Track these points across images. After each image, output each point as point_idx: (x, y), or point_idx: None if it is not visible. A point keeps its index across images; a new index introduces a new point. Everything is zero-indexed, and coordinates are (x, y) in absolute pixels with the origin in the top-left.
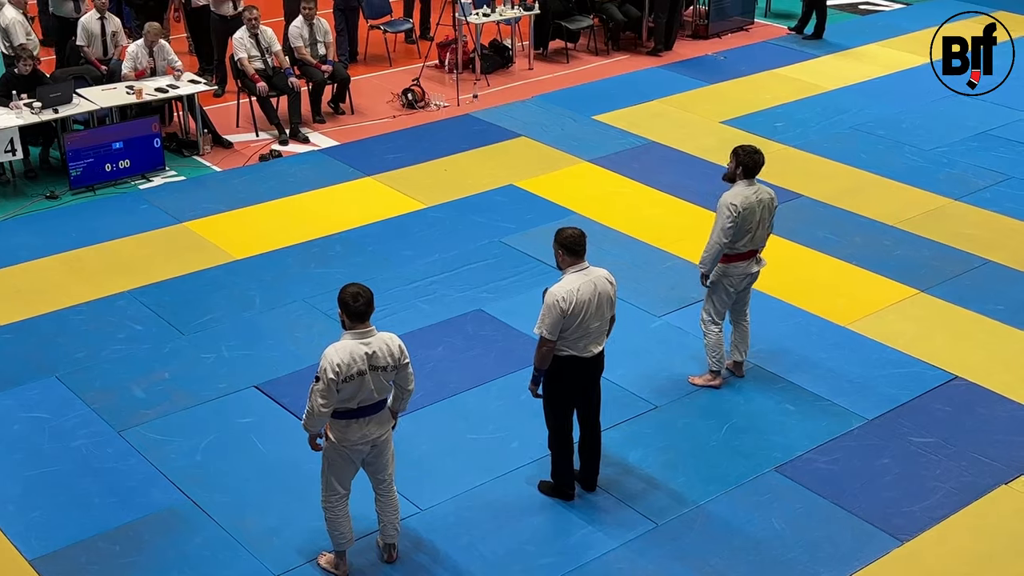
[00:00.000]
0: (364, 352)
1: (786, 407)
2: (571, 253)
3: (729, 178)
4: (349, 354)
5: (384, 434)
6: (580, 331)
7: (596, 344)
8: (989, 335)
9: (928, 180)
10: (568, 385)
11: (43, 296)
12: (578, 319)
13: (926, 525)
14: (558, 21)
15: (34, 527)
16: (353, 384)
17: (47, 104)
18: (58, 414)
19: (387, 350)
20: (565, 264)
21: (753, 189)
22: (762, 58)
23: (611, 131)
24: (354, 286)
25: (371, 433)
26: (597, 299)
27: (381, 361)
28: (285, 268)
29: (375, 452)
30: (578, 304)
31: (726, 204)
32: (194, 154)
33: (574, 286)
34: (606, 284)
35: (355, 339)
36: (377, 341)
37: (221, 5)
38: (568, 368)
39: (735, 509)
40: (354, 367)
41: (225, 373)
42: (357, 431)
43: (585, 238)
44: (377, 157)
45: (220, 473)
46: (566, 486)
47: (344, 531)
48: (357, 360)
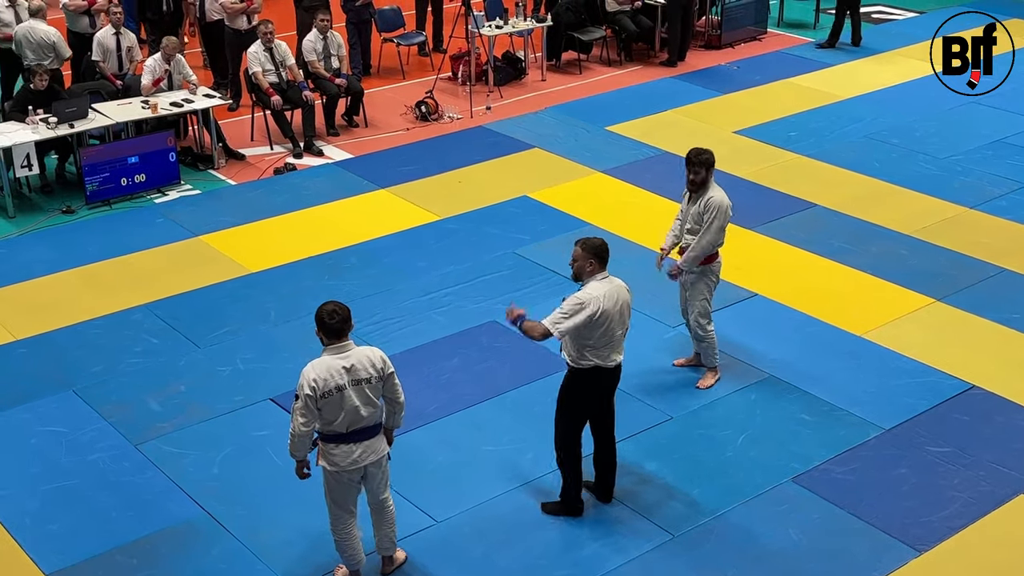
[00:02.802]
0: (342, 366)
1: (802, 417)
2: (602, 261)
3: (701, 183)
4: (326, 369)
5: (377, 459)
6: (606, 338)
7: (618, 353)
8: (1006, 344)
9: (943, 188)
10: (589, 396)
11: (60, 310)
12: (604, 326)
13: (944, 535)
14: (571, 32)
15: (51, 541)
16: (333, 401)
17: (63, 119)
18: (75, 428)
19: (368, 362)
20: (593, 271)
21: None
22: (775, 67)
23: (624, 142)
24: (331, 303)
25: (362, 459)
26: (620, 306)
27: (362, 373)
28: (300, 281)
29: (368, 478)
30: (605, 311)
31: (724, 205)
32: (209, 168)
33: (601, 292)
34: (625, 293)
35: (332, 355)
36: (356, 354)
37: (235, 19)
38: (591, 379)
39: (752, 520)
40: (331, 382)
41: (241, 386)
42: (347, 456)
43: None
44: (391, 169)
45: (236, 486)
46: (576, 501)
47: (354, 552)
48: (334, 375)
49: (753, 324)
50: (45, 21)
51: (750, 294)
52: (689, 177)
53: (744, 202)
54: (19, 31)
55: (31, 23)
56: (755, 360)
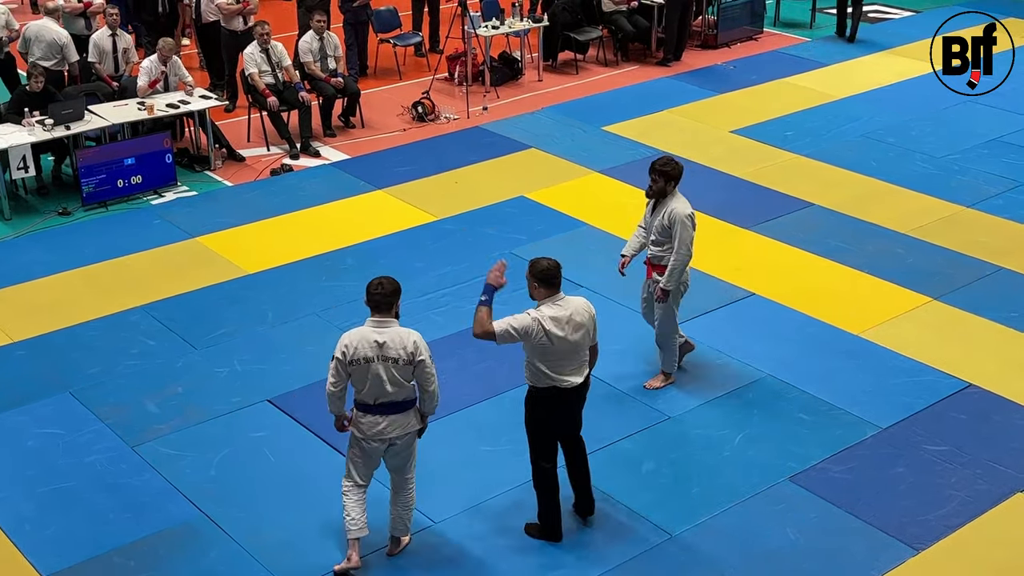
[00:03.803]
0: (375, 340)
1: (800, 416)
2: (548, 285)
3: (659, 192)
4: (359, 338)
5: (403, 436)
6: (563, 361)
7: (576, 375)
8: (1003, 342)
9: (940, 187)
10: (549, 416)
11: (56, 312)
12: (553, 349)
13: (941, 534)
14: (567, 33)
15: (49, 543)
16: (360, 370)
17: (59, 121)
18: (72, 430)
19: (400, 342)
20: (541, 295)
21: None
22: (771, 67)
23: (621, 142)
24: (382, 277)
25: (387, 432)
26: (577, 331)
27: (392, 352)
28: (297, 282)
29: (392, 451)
30: (551, 338)
31: (687, 216)
32: (206, 169)
33: (547, 316)
34: (585, 314)
35: (371, 327)
36: (392, 332)
37: (231, 21)
38: (549, 399)
39: (749, 519)
40: (360, 352)
41: (238, 387)
42: (372, 427)
43: (560, 269)
44: (388, 170)
45: (234, 487)
46: (554, 526)
47: (355, 517)
48: (365, 346)
49: (750, 324)
50: (59, 23)
51: (747, 294)
52: (649, 184)
53: (741, 202)
54: (30, 28)
55: (44, 21)
56: (752, 360)
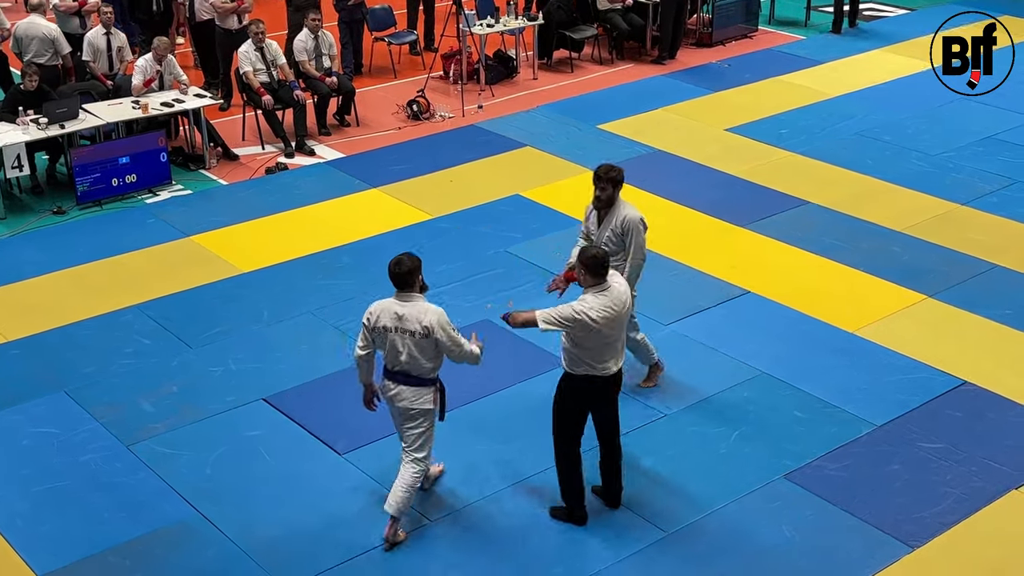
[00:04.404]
0: (396, 312)
1: (795, 414)
2: (594, 274)
3: (608, 200)
4: (382, 308)
5: (410, 407)
6: (601, 347)
7: (615, 362)
8: (998, 340)
9: (934, 185)
10: (580, 403)
11: (51, 311)
12: (597, 337)
13: (936, 531)
14: (562, 31)
15: (44, 542)
16: (380, 337)
17: (53, 120)
18: (67, 429)
19: (417, 317)
20: (588, 284)
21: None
22: (766, 65)
23: (616, 140)
24: (402, 255)
25: (397, 400)
26: (620, 317)
27: (409, 325)
28: (292, 280)
29: (401, 418)
30: (596, 326)
31: (640, 220)
32: (200, 168)
33: (595, 306)
34: (626, 300)
35: (395, 300)
36: (413, 307)
37: (226, 19)
38: (582, 386)
39: (745, 517)
40: (381, 321)
41: (233, 386)
42: (387, 390)
43: (606, 258)
44: (383, 169)
45: (229, 486)
46: (577, 508)
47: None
48: (386, 316)
49: (745, 321)
50: (44, 17)
51: (742, 291)
52: (596, 193)
53: (736, 200)
54: (19, 26)
55: (32, 18)
56: (747, 357)
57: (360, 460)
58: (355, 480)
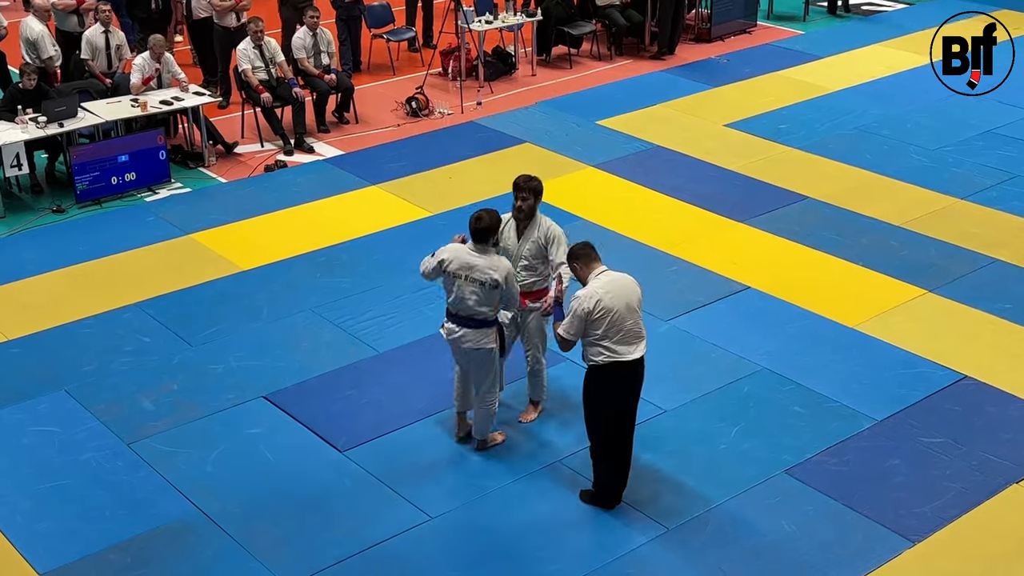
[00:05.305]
0: (467, 261)
1: (795, 409)
2: (587, 258)
3: (529, 211)
4: (455, 254)
5: (473, 347)
6: (614, 330)
7: (633, 347)
8: (997, 334)
9: (934, 180)
10: (608, 392)
11: (51, 310)
12: (607, 319)
13: (937, 526)
14: (560, 27)
15: (45, 540)
16: (450, 280)
17: (52, 118)
18: (67, 427)
19: (490, 269)
20: (587, 272)
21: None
22: (765, 60)
23: (615, 136)
24: (482, 210)
25: (461, 342)
26: (625, 299)
27: (480, 275)
28: (292, 278)
29: (467, 358)
30: (604, 306)
31: (561, 229)
32: (199, 166)
33: (598, 287)
34: (631, 285)
35: (469, 250)
36: (485, 259)
37: (224, 17)
38: (608, 375)
39: (745, 512)
40: (454, 266)
41: (233, 384)
42: (450, 333)
43: (591, 245)
44: (382, 166)
45: (230, 484)
46: (608, 493)
47: (455, 396)
48: (458, 263)
49: (745, 317)
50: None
51: (742, 287)
52: (517, 204)
53: (735, 195)
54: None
55: (26, 19)
56: (747, 353)
57: (361, 457)
58: (356, 477)
